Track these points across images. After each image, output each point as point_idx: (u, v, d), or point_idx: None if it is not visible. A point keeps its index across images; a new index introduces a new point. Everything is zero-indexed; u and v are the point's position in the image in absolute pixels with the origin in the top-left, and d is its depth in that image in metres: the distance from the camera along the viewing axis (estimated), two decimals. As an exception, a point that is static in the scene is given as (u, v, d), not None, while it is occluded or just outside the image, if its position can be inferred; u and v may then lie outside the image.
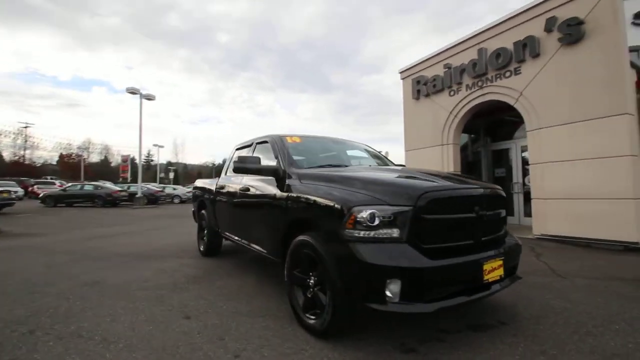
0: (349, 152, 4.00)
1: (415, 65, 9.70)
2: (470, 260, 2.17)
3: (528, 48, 6.50)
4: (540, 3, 6.21)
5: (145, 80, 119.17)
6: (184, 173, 64.38)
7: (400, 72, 10.29)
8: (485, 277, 2.20)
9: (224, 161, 5.84)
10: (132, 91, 19.71)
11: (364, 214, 2.08)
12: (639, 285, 3.48)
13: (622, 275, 3.87)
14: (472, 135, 10.36)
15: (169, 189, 26.71)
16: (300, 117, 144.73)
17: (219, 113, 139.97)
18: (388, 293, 1.93)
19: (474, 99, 7.88)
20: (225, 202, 4.37)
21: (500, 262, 2.32)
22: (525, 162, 8.29)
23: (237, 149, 4.75)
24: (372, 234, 2.06)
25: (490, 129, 9.95)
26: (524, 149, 8.37)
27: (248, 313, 2.76)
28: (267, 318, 2.66)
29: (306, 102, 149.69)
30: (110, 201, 18.75)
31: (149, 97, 20.65)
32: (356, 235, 2.09)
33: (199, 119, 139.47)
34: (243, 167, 3.16)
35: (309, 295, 2.43)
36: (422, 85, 9.30)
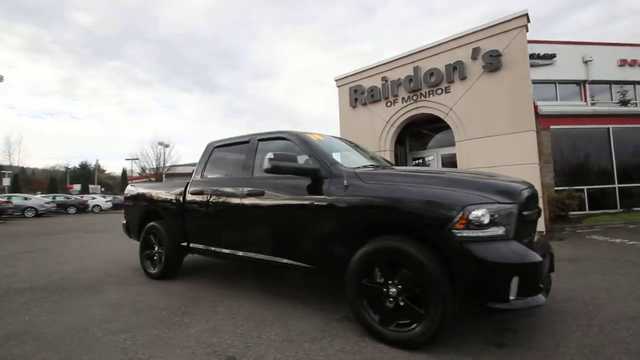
0: (361, 154, 3.73)
1: (351, 75, 10.15)
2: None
3: (457, 71, 7.63)
4: (468, 34, 7.40)
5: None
6: (24, 179, 49.04)
7: (336, 80, 10.59)
8: None
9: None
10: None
11: (478, 212, 1.96)
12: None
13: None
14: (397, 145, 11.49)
15: (18, 199, 20.17)
16: (184, 117, 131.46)
17: (73, 106, 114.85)
18: (511, 290, 1.88)
19: (409, 110, 8.75)
20: (210, 210, 3.49)
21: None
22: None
23: (217, 147, 3.83)
24: (484, 232, 1.94)
25: (411, 139, 11.25)
26: (444, 157, 9.76)
27: (302, 338, 2.36)
28: (331, 339, 2.34)
29: (191, 102, 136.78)
30: None
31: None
32: (468, 235, 1.94)
33: (44, 111, 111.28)
34: (283, 166, 2.64)
35: (390, 305, 2.19)
36: (360, 94, 9.79)
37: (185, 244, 3.89)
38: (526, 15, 6.60)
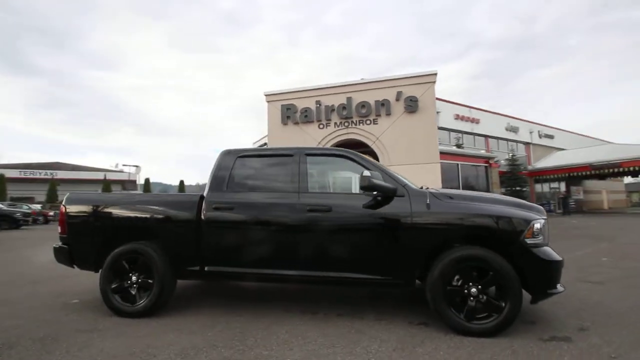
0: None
1: (284, 93, 10.35)
2: None
3: (384, 107, 9.10)
4: (395, 79, 9.04)
5: None
6: None
7: (266, 95, 10.55)
8: None
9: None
10: None
11: (537, 225, 2.68)
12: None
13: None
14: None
15: None
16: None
17: None
18: (559, 280, 2.62)
19: (340, 135, 9.68)
20: (249, 227, 3.11)
21: None
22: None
23: (242, 157, 3.38)
24: (538, 240, 2.69)
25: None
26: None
27: (402, 345, 2.47)
28: (424, 341, 2.51)
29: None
30: None
31: None
32: (532, 242, 2.64)
33: None
34: (377, 184, 2.79)
35: (472, 304, 2.57)
36: (293, 113, 10.08)
37: (195, 268, 3.22)
38: (435, 74, 8.71)
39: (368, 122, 9.48)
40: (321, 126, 9.98)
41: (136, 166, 34.77)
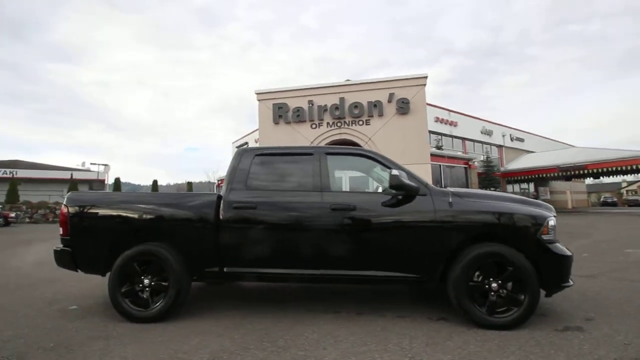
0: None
1: (275, 92, 10.24)
2: None
3: (377, 108, 9.24)
4: (387, 81, 9.19)
5: None
6: None
7: (257, 94, 10.38)
8: None
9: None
10: None
11: (552, 222, 2.86)
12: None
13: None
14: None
15: None
16: None
17: None
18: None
19: (333, 135, 9.72)
20: (271, 227, 3.08)
21: None
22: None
23: (260, 155, 3.31)
24: (551, 237, 2.86)
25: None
26: (351, 179, 11.22)
27: (433, 340, 2.54)
28: (451, 335, 2.60)
29: None
30: None
31: None
32: (547, 238, 2.80)
33: None
34: (405, 184, 2.88)
35: (493, 299, 2.69)
36: (285, 112, 9.99)
37: (214, 269, 3.12)
38: (426, 77, 8.97)
39: (361, 122, 9.60)
40: (314, 126, 9.99)
41: (105, 165, 32.60)
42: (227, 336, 2.66)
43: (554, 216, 2.95)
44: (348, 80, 10.07)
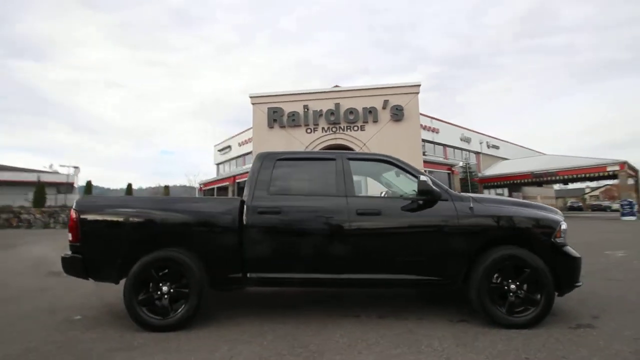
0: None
1: (270, 96, 10.15)
2: None
3: (372, 114, 9.41)
4: (381, 88, 9.39)
5: None
6: None
7: (251, 97, 10.26)
8: None
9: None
10: None
11: (564, 226, 3.05)
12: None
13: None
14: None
15: None
16: None
17: None
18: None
19: (328, 139, 9.77)
20: (296, 232, 3.08)
21: None
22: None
23: (281, 160, 3.30)
24: (563, 240, 3.05)
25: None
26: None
27: (462, 341, 2.61)
28: (476, 336, 2.69)
29: None
30: None
31: None
32: (560, 242, 2.99)
33: None
34: (433, 189, 2.97)
35: (512, 299, 2.80)
36: (280, 116, 9.94)
37: (237, 275, 3.06)
38: (419, 85, 9.26)
39: (355, 128, 9.75)
40: (309, 130, 10.02)
41: (75, 167, 30.58)
42: (256, 343, 2.62)
43: (564, 220, 3.14)
44: (337, 86, 10.21)
